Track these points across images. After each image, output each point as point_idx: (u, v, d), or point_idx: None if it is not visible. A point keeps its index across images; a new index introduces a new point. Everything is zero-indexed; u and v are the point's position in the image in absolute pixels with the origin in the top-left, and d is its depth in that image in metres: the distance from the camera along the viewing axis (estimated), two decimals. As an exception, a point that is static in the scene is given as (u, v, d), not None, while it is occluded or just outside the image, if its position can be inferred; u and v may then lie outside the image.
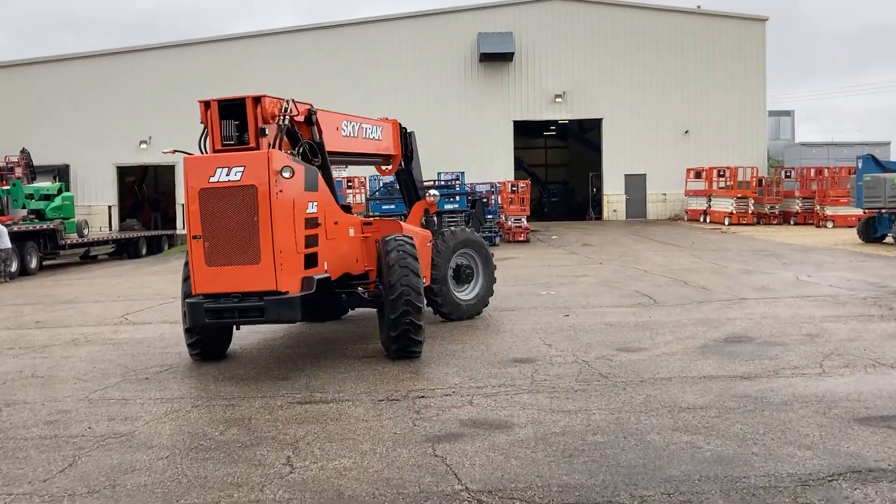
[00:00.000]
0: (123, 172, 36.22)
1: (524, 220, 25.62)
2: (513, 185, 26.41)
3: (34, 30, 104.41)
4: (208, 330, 7.38)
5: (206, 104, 6.97)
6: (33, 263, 21.75)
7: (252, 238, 6.57)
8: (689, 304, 10.98)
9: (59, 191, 26.34)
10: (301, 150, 7.39)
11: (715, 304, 11.00)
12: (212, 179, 6.64)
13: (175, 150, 7.70)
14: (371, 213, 22.84)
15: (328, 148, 7.91)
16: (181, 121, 35.11)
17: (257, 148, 6.81)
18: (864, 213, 21.66)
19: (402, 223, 8.93)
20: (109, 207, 35.21)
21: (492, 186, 25.62)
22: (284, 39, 35.82)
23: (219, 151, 6.88)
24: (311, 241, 7.12)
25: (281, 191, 6.63)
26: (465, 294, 10.23)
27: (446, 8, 36.36)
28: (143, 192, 38.25)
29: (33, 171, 29.23)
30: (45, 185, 26.37)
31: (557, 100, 35.42)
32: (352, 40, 35.59)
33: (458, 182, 25.04)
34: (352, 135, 8.72)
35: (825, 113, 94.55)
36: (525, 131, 44.93)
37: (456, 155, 32.04)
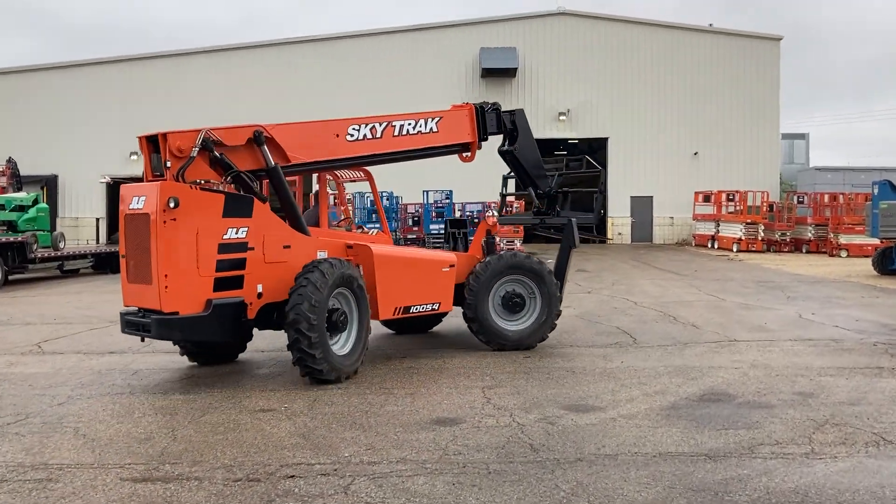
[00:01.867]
0: (114, 184, 35.18)
1: (517, 242, 24.28)
2: (507, 206, 25.10)
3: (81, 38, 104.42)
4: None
5: (141, 138, 7.40)
6: (-4, 278, 20.60)
7: (147, 260, 6.99)
8: (671, 346, 9.60)
9: (35, 202, 25.25)
10: (230, 178, 7.50)
11: (701, 346, 9.61)
12: (130, 206, 7.22)
13: (111, 179, 8.21)
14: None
15: (326, 157, 8.36)
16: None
17: (164, 179, 7.11)
18: (882, 242, 20.15)
19: (372, 247, 8.37)
20: (97, 220, 34.24)
21: (484, 206, 24.35)
22: (282, 50, 34.83)
23: (150, 181, 7.29)
24: (228, 264, 7.25)
25: (174, 219, 6.89)
26: (516, 324, 9.34)
27: (448, 21, 35.30)
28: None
29: (19, 181, 28.19)
30: (18, 195, 25.27)
31: (562, 118, 34.20)
32: (351, 53, 34.58)
33: (446, 201, 23.81)
34: (369, 136, 8.64)
35: (842, 138, 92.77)
36: (540, 150, 43.81)
37: (453, 172, 30.58)
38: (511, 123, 9.90)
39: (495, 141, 10.16)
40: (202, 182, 7.26)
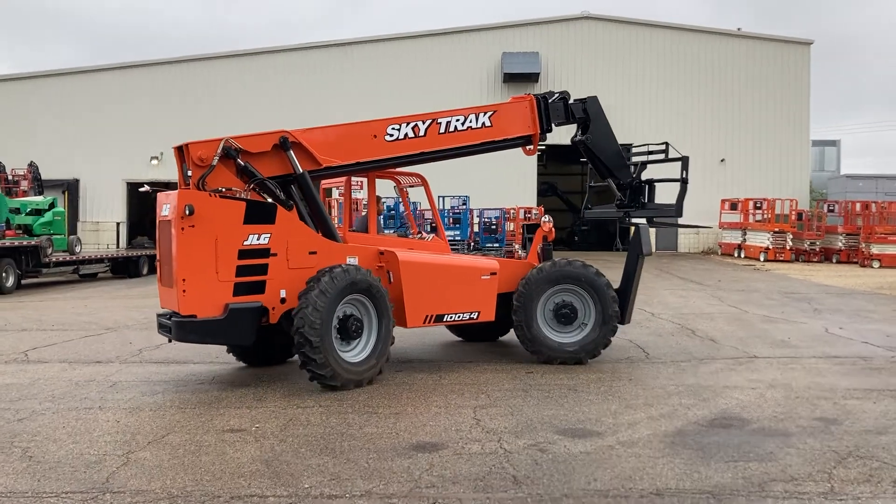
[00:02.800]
0: (134, 188, 35.12)
1: (516, 246, 23.69)
2: (526, 212, 24.53)
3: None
4: None
5: (174, 148, 7.68)
6: (10, 282, 20.43)
7: (170, 265, 7.32)
8: (685, 363, 8.98)
9: (51, 206, 25.16)
10: (253, 186, 7.63)
11: (718, 363, 8.98)
12: (161, 213, 7.58)
13: (152, 188, 8.92)
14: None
15: (364, 158, 8.31)
16: (195, 137, 34.05)
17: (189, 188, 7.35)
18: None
19: (398, 253, 8.23)
20: (118, 224, 34.14)
21: (503, 213, 23.79)
22: (303, 55, 34.58)
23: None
24: (249, 270, 7.41)
25: (192, 225, 7.12)
26: (567, 336, 8.88)
27: (470, 26, 34.82)
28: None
29: (41, 185, 28.19)
30: (35, 199, 25.20)
31: (584, 123, 33.50)
32: (371, 57, 34.23)
33: (463, 207, 23.28)
34: (411, 136, 8.49)
35: (875, 145, 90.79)
36: (561, 156, 43.13)
37: (474, 178, 30.18)
38: (583, 112, 9.42)
39: (511, 153, 9.62)
40: (223, 190, 7.41)
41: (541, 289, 8.78)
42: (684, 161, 9.46)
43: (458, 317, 8.54)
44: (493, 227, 23.30)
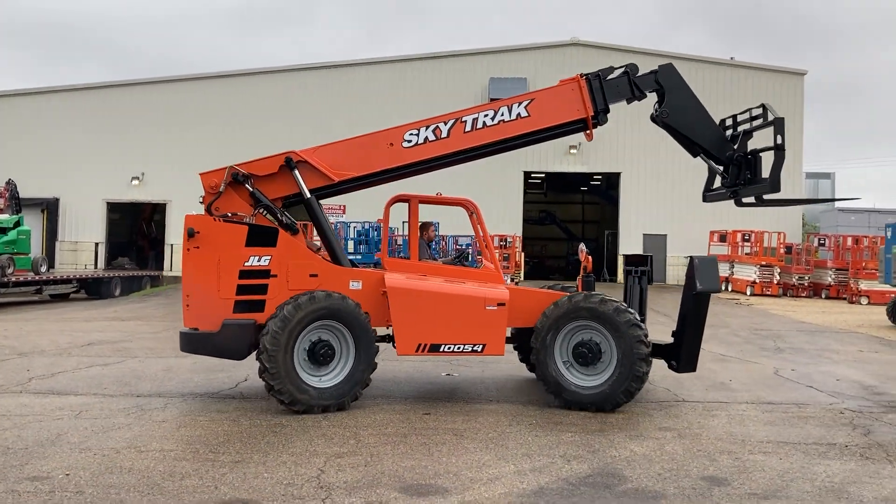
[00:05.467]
0: (115, 208, 34.73)
1: (509, 279, 22.99)
2: (501, 239, 23.84)
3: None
4: None
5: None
6: (-37, 301, 19.93)
7: None
8: (602, 406, 8.24)
9: (17, 224, 24.71)
10: (258, 211, 8.06)
11: (639, 406, 8.23)
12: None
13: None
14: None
15: (382, 167, 8.29)
16: (176, 157, 33.80)
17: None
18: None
19: (387, 278, 8.02)
20: (97, 244, 33.72)
21: (473, 240, 23.12)
22: (288, 77, 34.23)
23: None
24: (249, 289, 7.81)
25: (197, 247, 7.79)
26: (589, 380, 7.94)
27: (458, 51, 34.45)
28: (152, 229, 36.67)
29: (18, 203, 27.69)
30: (0, 217, 24.77)
31: (572, 151, 32.99)
32: (357, 80, 33.87)
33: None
34: (432, 138, 8.24)
35: (872, 180, 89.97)
36: (561, 185, 42.62)
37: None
38: (655, 83, 8.53)
39: (515, 175, 8.83)
40: (230, 215, 7.96)
41: (557, 325, 7.93)
42: (778, 124, 8.23)
43: (459, 348, 7.94)
44: (466, 254, 22.63)
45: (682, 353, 8.28)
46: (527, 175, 35.88)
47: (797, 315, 20.80)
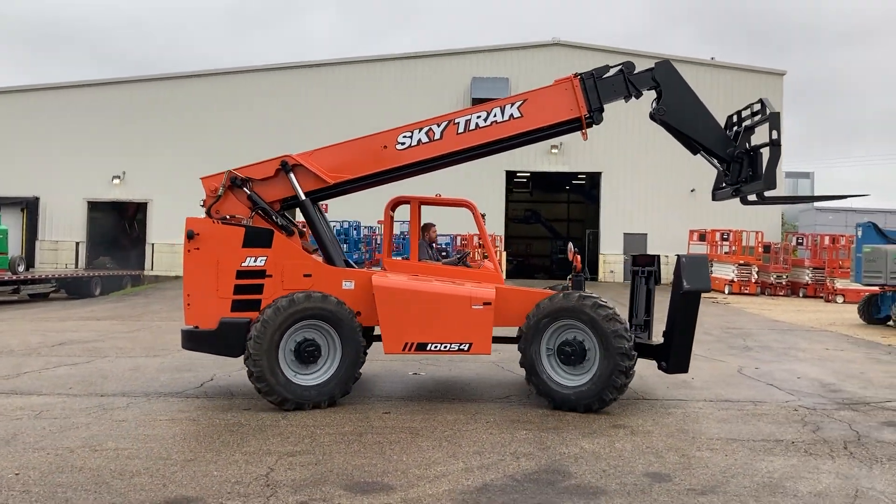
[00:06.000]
0: (95, 207, 34.60)
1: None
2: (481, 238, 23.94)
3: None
4: None
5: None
6: (-64, 301, 19.82)
7: None
8: (562, 404, 8.35)
9: (-7, 224, 24.63)
10: (255, 213, 8.34)
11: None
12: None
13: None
14: None
15: (375, 170, 8.48)
16: (157, 156, 33.74)
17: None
18: (882, 289, 18.62)
19: (373, 278, 8.16)
20: (77, 244, 33.61)
21: (452, 239, 23.22)
22: (270, 76, 34.22)
23: None
24: (246, 289, 8.10)
25: (197, 248, 8.16)
26: (575, 380, 7.92)
27: (441, 50, 34.56)
28: (136, 229, 36.57)
29: (-3, 202, 27.62)
30: (-25, 217, 24.65)
31: (553, 150, 33.14)
32: (340, 79, 33.87)
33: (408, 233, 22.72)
34: (425, 140, 8.39)
35: (854, 180, 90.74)
36: (546, 184, 42.79)
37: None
38: (652, 81, 8.51)
39: (497, 174, 8.92)
40: (228, 217, 8.27)
41: (541, 325, 7.95)
42: (773, 119, 8.14)
43: (445, 347, 8.01)
44: (444, 253, 22.75)
45: (672, 353, 8.25)
46: (512, 174, 36.04)
47: (772, 314, 21.01)
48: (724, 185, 8.96)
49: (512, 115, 8.44)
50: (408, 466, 5.88)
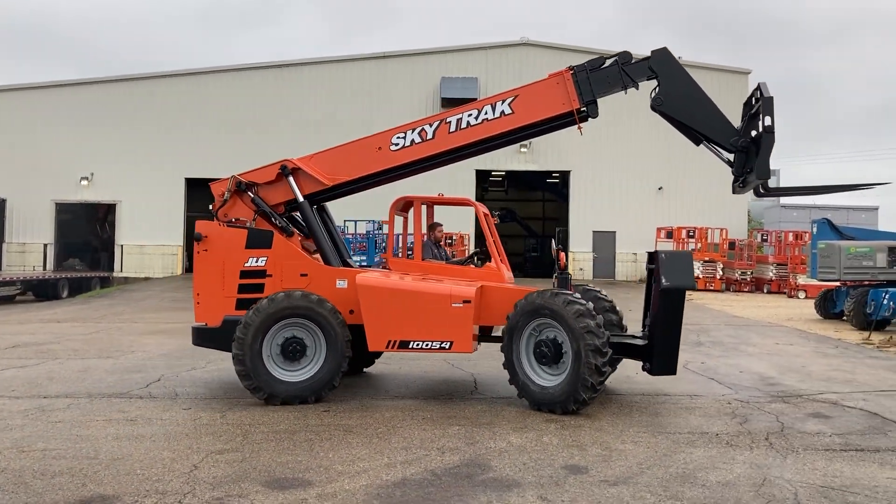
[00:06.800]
0: (63, 209, 34.33)
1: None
2: (448, 238, 24.07)
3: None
4: None
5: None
6: None
7: None
8: (500, 400, 8.47)
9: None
10: (257, 216, 8.76)
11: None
12: None
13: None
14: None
15: (370, 171, 8.73)
16: (126, 158, 33.54)
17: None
18: (844, 284, 18.91)
19: (357, 277, 8.29)
20: (45, 246, 33.35)
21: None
22: (239, 76, 34.13)
23: None
24: (249, 288, 8.48)
25: (206, 249, 8.60)
26: (550, 379, 7.78)
27: (411, 50, 34.65)
28: (107, 230, 36.31)
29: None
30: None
31: (523, 150, 33.31)
32: (310, 80, 33.86)
33: (377, 231, 22.78)
34: (418, 140, 8.56)
35: (819, 176, 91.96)
36: (522, 183, 42.98)
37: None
38: (649, 71, 8.27)
39: (468, 172, 9.03)
40: (233, 220, 8.72)
41: (520, 323, 7.85)
42: (766, 104, 7.83)
43: (427, 345, 8.05)
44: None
45: (656, 354, 8.01)
46: (486, 173, 36.19)
47: (733, 310, 21.30)
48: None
49: (503, 111, 8.45)
50: (332, 463, 5.97)
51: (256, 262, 8.51)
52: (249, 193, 8.72)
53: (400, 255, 9.48)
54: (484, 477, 5.64)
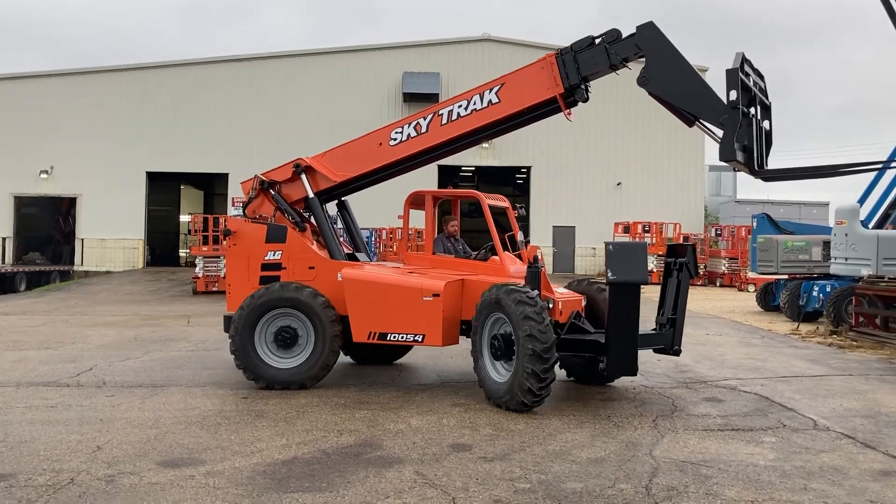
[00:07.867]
0: (22, 202, 34.18)
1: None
2: (389, 233, 24.41)
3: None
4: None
5: None
6: None
7: None
8: (431, 388, 8.80)
9: None
10: (276, 212, 9.25)
11: (467, 389, 8.80)
12: None
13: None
14: None
15: (373, 167, 9.09)
16: (86, 151, 33.44)
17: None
18: (789, 278, 19.41)
19: (343, 269, 8.69)
20: (3, 239, 33.19)
21: (372, 232, 23.62)
22: (197, 70, 34.14)
23: None
24: (268, 280, 8.89)
25: (234, 244, 9.18)
26: (506, 375, 7.55)
27: (373, 45, 34.83)
28: (69, 224, 36.13)
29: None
30: None
31: (485, 146, 33.62)
32: (271, 74, 33.93)
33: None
34: (413, 135, 8.81)
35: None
36: (492, 178, 43.33)
37: (372, 199, 29.95)
38: (636, 48, 7.87)
39: (430, 168, 9.49)
40: (258, 216, 9.30)
41: (481, 316, 7.73)
42: (729, 76, 7.50)
43: (402, 337, 8.28)
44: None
45: (610, 352, 7.52)
46: (456, 169, 36.48)
47: (680, 302, 21.76)
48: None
49: (490, 100, 8.50)
50: (231, 444, 6.27)
51: (274, 255, 9.02)
52: (272, 191, 9.24)
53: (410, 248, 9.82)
54: (371, 455, 5.98)
